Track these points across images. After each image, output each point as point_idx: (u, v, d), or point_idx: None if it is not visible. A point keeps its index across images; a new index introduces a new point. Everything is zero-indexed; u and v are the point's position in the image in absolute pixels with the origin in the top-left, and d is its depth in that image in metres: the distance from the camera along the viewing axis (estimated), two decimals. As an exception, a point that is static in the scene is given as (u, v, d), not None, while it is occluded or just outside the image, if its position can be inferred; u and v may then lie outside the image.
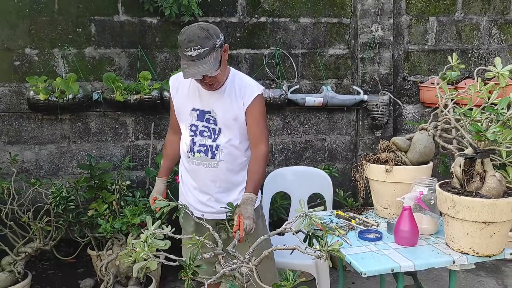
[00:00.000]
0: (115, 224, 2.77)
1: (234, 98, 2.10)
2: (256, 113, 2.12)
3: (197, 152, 2.14)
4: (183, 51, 1.93)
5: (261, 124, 2.14)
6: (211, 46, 1.92)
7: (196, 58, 1.91)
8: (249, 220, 1.96)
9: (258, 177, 2.11)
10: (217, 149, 2.12)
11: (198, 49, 1.90)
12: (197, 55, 1.90)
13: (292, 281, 1.56)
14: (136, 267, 1.53)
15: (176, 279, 3.38)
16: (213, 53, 1.93)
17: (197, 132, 2.14)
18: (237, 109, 2.10)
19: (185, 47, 1.91)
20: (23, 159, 3.53)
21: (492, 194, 1.81)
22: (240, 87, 2.11)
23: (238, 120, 2.11)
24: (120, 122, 3.65)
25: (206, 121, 2.12)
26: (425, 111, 4.02)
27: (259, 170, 2.11)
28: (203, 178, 2.17)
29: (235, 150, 2.14)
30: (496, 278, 3.37)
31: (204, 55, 1.91)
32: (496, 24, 4.05)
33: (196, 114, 2.14)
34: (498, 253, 1.88)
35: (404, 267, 1.82)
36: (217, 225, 2.21)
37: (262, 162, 2.13)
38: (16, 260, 2.96)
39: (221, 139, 2.12)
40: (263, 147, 2.14)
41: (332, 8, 3.81)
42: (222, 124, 2.11)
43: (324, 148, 3.97)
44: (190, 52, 1.91)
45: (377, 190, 2.33)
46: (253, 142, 2.16)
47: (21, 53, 3.45)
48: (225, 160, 2.13)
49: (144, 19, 3.57)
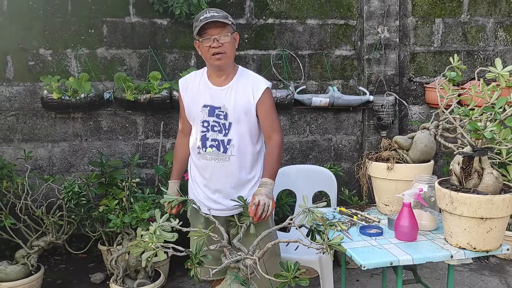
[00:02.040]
0: (125, 219, 2.86)
1: (244, 92, 2.17)
2: (267, 106, 2.19)
3: (209, 147, 2.19)
4: (199, 17, 2.10)
5: (272, 115, 2.22)
6: (227, 17, 2.11)
7: (210, 18, 2.07)
8: (262, 196, 2.04)
9: (273, 164, 2.18)
10: (229, 143, 2.17)
11: (214, 13, 2.10)
12: (212, 16, 2.08)
13: (293, 272, 1.63)
14: (145, 256, 1.61)
15: (183, 274, 3.46)
16: (228, 22, 2.10)
17: (209, 127, 2.20)
18: (248, 103, 2.17)
19: (202, 14, 2.11)
20: (36, 156, 3.64)
21: (489, 191, 1.86)
22: (249, 82, 2.20)
23: (249, 114, 2.17)
24: (130, 121, 3.74)
25: (216, 116, 2.19)
26: (430, 112, 4.06)
27: (275, 158, 2.18)
28: (214, 173, 2.21)
29: (246, 144, 2.20)
30: (499, 277, 3.40)
31: (219, 17, 2.08)
32: (502, 26, 4.08)
33: (207, 110, 2.20)
34: (495, 249, 1.93)
35: (402, 260, 1.88)
36: (227, 222, 2.27)
37: (277, 150, 2.20)
38: (30, 253, 3.05)
39: (232, 134, 2.17)
40: (276, 136, 2.21)
41: (338, 10, 3.88)
42: (233, 119, 2.17)
43: (330, 147, 4.03)
44: (206, 15, 2.09)
45: (379, 187, 2.38)
46: (267, 134, 2.23)
47: (35, 53, 3.56)
48: (236, 155, 2.18)
49: (155, 20, 3.66)
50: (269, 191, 2.09)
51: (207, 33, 2.09)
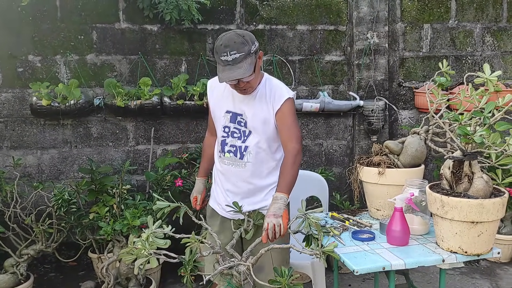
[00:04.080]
0: (116, 226, 2.84)
1: (264, 102, 2.15)
2: (286, 116, 2.13)
3: (227, 152, 2.19)
4: (220, 56, 1.99)
5: (291, 126, 2.14)
6: (247, 52, 1.97)
7: (231, 63, 1.97)
8: (270, 218, 1.94)
9: (289, 177, 2.07)
10: (246, 150, 2.16)
11: (234, 54, 1.95)
12: (233, 60, 1.96)
13: (287, 277, 1.63)
14: (137, 263, 1.60)
15: (175, 281, 3.43)
16: (248, 58, 1.98)
17: (229, 133, 2.20)
18: (267, 113, 2.14)
19: (222, 52, 1.98)
20: (25, 164, 3.60)
21: (479, 194, 1.88)
22: (270, 91, 2.15)
23: (267, 123, 2.15)
24: (120, 127, 3.72)
25: (238, 123, 2.18)
26: (420, 116, 4.09)
27: (291, 170, 2.08)
28: (232, 178, 2.22)
29: (263, 153, 2.18)
30: (490, 280, 3.42)
31: (239, 60, 1.96)
32: (489, 31, 4.14)
33: (229, 116, 2.20)
34: (486, 252, 1.95)
35: (395, 265, 1.89)
36: (236, 224, 2.21)
37: (293, 162, 2.10)
38: (19, 262, 3.01)
39: (250, 141, 2.16)
40: (294, 146, 2.12)
41: (328, 16, 3.90)
42: (252, 127, 2.16)
43: (321, 152, 4.04)
44: (226, 57, 1.97)
45: (371, 192, 2.40)
46: (284, 144, 2.17)
47: (24, 59, 3.53)
48: (252, 162, 2.16)
49: (145, 26, 3.66)
50: (278, 208, 1.98)
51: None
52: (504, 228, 3.67)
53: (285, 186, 2.05)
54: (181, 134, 3.81)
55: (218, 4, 3.73)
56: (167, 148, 3.79)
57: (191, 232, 1.80)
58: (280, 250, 2.11)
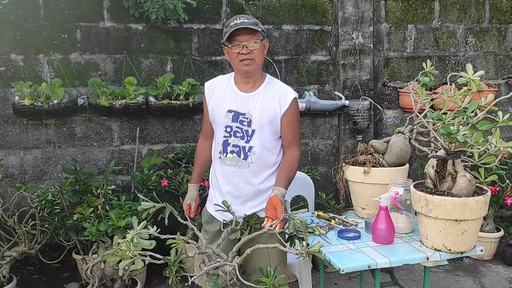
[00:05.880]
0: (101, 227, 2.81)
1: (271, 101, 2.15)
2: (292, 118, 2.16)
3: (230, 152, 2.16)
4: (230, 23, 2.07)
5: (295, 128, 2.18)
6: (257, 24, 2.09)
7: (240, 24, 2.05)
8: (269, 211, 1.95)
9: (288, 175, 2.12)
10: (250, 150, 2.14)
11: (244, 19, 2.07)
12: (242, 22, 2.05)
13: (272, 278, 1.63)
14: (122, 265, 1.58)
15: (161, 282, 3.42)
16: (257, 29, 2.07)
17: (231, 133, 2.17)
18: (274, 113, 2.14)
19: (233, 20, 2.08)
20: (8, 164, 3.54)
21: (462, 193, 1.90)
22: (277, 91, 2.17)
23: (273, 123, 2.15)
24: (105, 127, 3.68)
25: (240, 123, 2.16)
26: (404, 116, 4.13)
27: (290, 169, 2.14)
28: (234, 180, 2.18)
29: (267, 153, 2.17)
30: (473, 278, 3.47)
31: (249, 24, 2.06)
32: (472, 32, 4.20)
33: (231, 115, 2.18)
34: (469, 250, 1.97)
35: (380, 263, 1.90)
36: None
37: (293, 163, 2.15)
38: (1, 264, 2.97)
39: (254, 141, 2.14)
40: (296, 151, 2.17)
41: (314, 16, 3.92)
42: (257, 126, 2.14)
43: (307, 152, 4.05)
44: (236, 21, 2.06)
45: (356, 191, 2.41)
46: (286, 145, 2.19)
47: (6, 58, 3.48)
48: (256, 163, 2.15)
49: (130, 25, 3.63)
50: (277, 199, 1.98)
51: (236, 39, 2.07)
52: (487, 226, 3.73)
53: (283, 181, 2.09)
54: (167, 134, 3.78)
55: (203, 3, 3.71)
56: (152, 148, 3.77)
57: (176, 232, 1.79)
58: (280, 251, 2.10)
